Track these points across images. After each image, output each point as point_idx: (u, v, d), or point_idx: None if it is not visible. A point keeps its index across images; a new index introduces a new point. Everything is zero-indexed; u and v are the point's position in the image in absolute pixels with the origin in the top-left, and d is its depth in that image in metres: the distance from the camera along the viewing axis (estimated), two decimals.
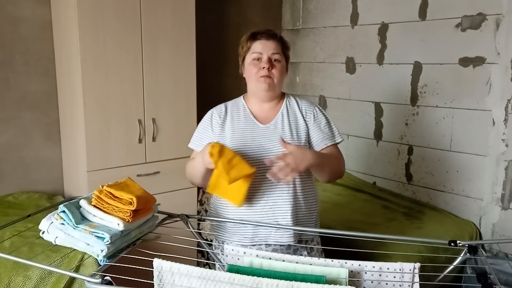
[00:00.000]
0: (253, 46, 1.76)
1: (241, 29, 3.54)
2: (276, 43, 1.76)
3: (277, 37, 1.78)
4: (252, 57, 1.76)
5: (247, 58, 1.78)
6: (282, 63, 1.77)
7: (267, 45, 1.74)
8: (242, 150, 1.71)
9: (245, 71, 1.81)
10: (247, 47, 1.78)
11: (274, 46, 1.75)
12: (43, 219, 1.41)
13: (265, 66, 1.72)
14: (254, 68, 1.75)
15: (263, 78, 1.73)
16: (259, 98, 1.80)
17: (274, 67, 1.74)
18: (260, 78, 1.74)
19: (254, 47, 1.76)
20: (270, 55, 1.74)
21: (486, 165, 2.70)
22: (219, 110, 1.84)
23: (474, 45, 2.69)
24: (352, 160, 3.49)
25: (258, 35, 1.76)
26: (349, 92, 3.46)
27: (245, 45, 1.79)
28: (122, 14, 2.56)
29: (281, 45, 1.78)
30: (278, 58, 1.75)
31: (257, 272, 1.27)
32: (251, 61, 1.76)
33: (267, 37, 1.75)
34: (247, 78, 1.81)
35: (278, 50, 1.76)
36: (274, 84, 1.75)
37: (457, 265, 1.49)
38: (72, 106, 2.64)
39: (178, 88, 2.83)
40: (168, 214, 1.73)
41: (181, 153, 2.87)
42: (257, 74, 1.74)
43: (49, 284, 1.96)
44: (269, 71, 1.73)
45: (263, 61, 1.74)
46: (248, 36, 1.79)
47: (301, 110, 1.80)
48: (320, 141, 1.76)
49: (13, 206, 2.53)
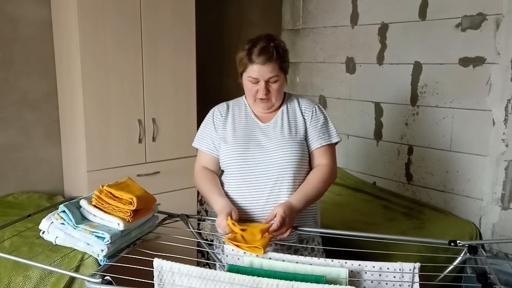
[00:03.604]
0: (249, 68, 1.70)
1: (241, 29, 3.56)
2: (273, 64, 1.68)
3: (273, 58, 1.68)
4: (248, 78, 1.72)
5: (244, 76, 1.74)
6: (280, 80, 1.72)
7: (263, 69, 1.67)
8: (242, 149, 1.71)
9: (243, 85, 1.78)
10: (244, 66, 1.72)
11: (270, 70, 1.68)
12: (43, 219, 1.41)
13: (262, 92, 1.70)
14: (252, 89, 1.73)
15: (260, 100, 1.73)
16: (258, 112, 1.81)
17: (271, 90, 1.71)
18: (258, 100, 1.74)
19: (250, 70, 1.69)
20: (266, 79, 1.69)
21: (486, 165, 2.70)
22: (221, 109, 1.84)
23: (474, 45, 2.69)
24: (352, 160, 3.49)
25: (254, 57, 1.67)
26: (349, 92, 3.46)
27: (241, 63, 1.72)
28: (122, 14, 2.56)
29: (279, 62, 1.70)
30: (276, 78, 1.70)
31: (257, 272, 1.27)
32: (248, 81, 1.73)
33: (263, 61, 1.66)
34: (246, 93, 1.80)
35: (275, 72, 1.69)
36: (272, 103, 1.75)
37: (457, 265, 1.49)
38: (72, 106, 2.63)
39: (178, 88, 2.83)
40: (168, 214, 1.73)
41: (181, 153, 2.87)
42: (255, 96, 1.73)
43: (49, 284, 1.96)
44: (266, 95, 1.71)
45: (260, 86, 1.70)
46: (245, 53, 1.70)
47: (300, 108, 1.80)
48: (315, 140, 1.75)
49: (13, 206, 2.53)
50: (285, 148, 1.69)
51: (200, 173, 1.80)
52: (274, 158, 1.69)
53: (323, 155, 1.76)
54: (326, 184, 1.73)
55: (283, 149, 1.69)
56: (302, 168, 1.72)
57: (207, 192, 1.73)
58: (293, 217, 1.58)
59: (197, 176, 1.81)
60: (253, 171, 1.69)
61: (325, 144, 1.76)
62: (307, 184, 1.70)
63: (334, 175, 1.78)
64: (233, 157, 1.72)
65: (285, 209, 1.55)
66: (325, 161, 1.75)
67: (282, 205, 1.58)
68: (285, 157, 1.68)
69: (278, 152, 1.69)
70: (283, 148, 1.69)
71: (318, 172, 1.73)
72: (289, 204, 1.59)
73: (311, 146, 1.76)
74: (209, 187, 1.73)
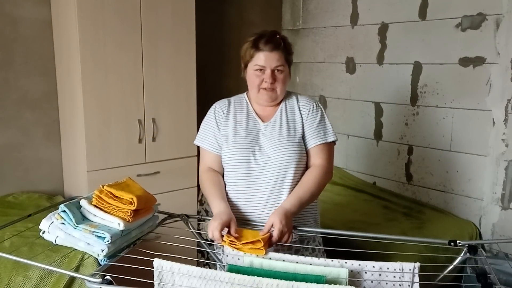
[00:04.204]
0: (255, 57, 1.70)
1: (241, 29, 3.56)
2: (280, 53, 1.69)
3: (281, 46, 1.70)
4: (254, 68, 1.71)
5: (249, 66, 1.74)
6: (285, 72, 1.72)
7: (270, 57, 1.68)
8: (243, 149, 1.71)
9: (247, 78, 1.78)
10: (250, 56, 1.72)
11: (277, 58, 1.69)
12: (43, 219, 1.41)
13: (268, 80, 1.70)
14: (257, 79, 1.72)
15: (265, 90, 1.72)
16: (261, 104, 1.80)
17: (277, 79, 1.71)
18: (262, 90, 1.73)
19: (257, 58, 1.70)
20: (273, 67, 1.69)
21: (486, 165, 2.70)
22: (222, 105, 1.83)
23: (474, 45, 2.69)
24: (352, 160, 3.49)
25: (261, 45, 1.68)
26: (349, 92, 3.46)
27: (247, 53, 1.73)
28: (122, 14, 2.56)
29: (285, 53, 1.71)
30: (282, 68, 1.71)
31: (257, 272, 1.27)
32: (254, 71, 1.72)
33: (270, 48, 1.68)
34: (249, 85, 1.78)
35: (281, 61, 1.70)
36: (276, 95, 1.74)
37: (457, 265, 1.49)
38: (72, 106, 2.64)
39: (178, 88, 2.83)
40: (168, 214, 1.73)
41: (181, 153, 2.87)
42: (260, 86, 1.72)
43: (49, 284, 1.96)
44: (272, 84, 1.71)
45: (266, 75, 1.70)
46: (251, 43, 1.72)
47: (299, 105, 1.79)
48: (311, 139, 1.74)
49: (13, 206, 2.53)
50: (284, 150, 1.69)
51: (205, 175, 1.78)
52: (273, 159, 1.68)
53: (317, 154, 1.74)
54: (320, 186, 1.71)
55: (281, 151, 1.69)
56: (301, 168, 1.72)
57: (209, 195, 1.71)
58: (290, 222, 1.57)
59: (202, 179, 1.79)
60: (254, 172, 1.69)
61: (320, 143, 1.74)
62: (300, 187, 1.68)
63: (329, 174, 1.76)
64: (234, 157, 1.71)
65: (281, 218, 1.53)
66: (319, 161, 1.73)
67: (277, 213, 1.55)
68: (283, 159, 1.68)
69: (277, 154, 1.68)
70: (282, 150, 1.69)
71: (311, 175, 1.71)
72: (283, 210, 1.57)
73: (307, 145, 1.74)
74: (212, 190, 1.71)
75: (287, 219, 1.55)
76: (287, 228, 1.53)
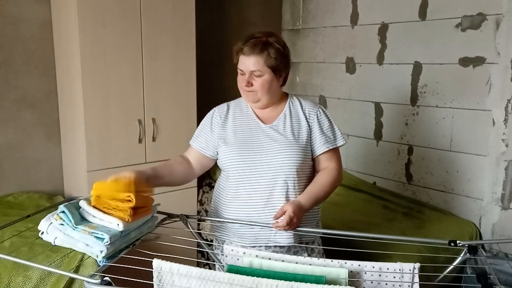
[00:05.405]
0: (239, 60, 1.73)
1: (241, 29, 3.55)
2: (258, 58, 1.67)
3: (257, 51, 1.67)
4: (238, 70, 1.75)
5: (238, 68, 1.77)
6: (264, 77, 1.69)
7: (247, 61, 1.69)
8: (243, 149, 1.71)
9: None
10: (236, 58, 1.75)
11: (253, 62, 1.68)
12: (42, 220, 1.41)
13: (244, 83, 1.72)
14: (239, 81, 1.76)
15: (246, 92, 1.75)
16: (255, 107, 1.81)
17: (253, 84, 1.71)
18: (244, 92, 1.76)
19: (239, 61, 1.73)
20: (249, 71, 1.70)
21: (486, 165, 2.70)
22: (221, 110, 1.84)
23: (474, 45, 2.69)
24: (352, 160, 3.49)
25: (244, 48, 1.69)
26: (349, 92, 3.46)
27: (235, 55, 1.76)
28: (122, 14, 2.56)
29: (266, 58, 1.68)
30: (258, 74, 1.69)
31: (256, 273, 1.27)
32: (239, 73, 1.76)
33: (248, 52, 1.68)
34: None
35: (257, 66, 1.68)
36: (258, 97, 1.74)
37: (457, 265, 1.49)
38: (72, 106, 2.63)
39: (178, 88, 2.83)
40: (168, 214, 1.73)
41: (181, 153, 2.86)
42: (242, 88, 1.75)
43: (49, 284, 1.96)
44: (248, 87, 1.72)
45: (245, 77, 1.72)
46: (239, 45, 1.73)
47: (304, 111, 1.79)
48: (322, 145, 1.75)
49: (13, 206, 2.53)
50: (288, 151, 1.69)
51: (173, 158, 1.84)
52: (276, 160, 1.68)
53: (329, 159, 1.77)
54: (333, 187, 1.75)
55: (286, 152, 1.69)
56: (303, 172, 1.72)
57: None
58: (300, 216, 1.60)
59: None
60: (253, 173, 1.69)
61: (332, 148, 1.76)
62: (316, 184, 1.71)
63: (341, 177, 1.80)
64: (233, 158, 1.71)
65: (294, 208, 1.56)
66: (333, 164, 1.76)
67: (292, 204, 1.58)
68: (287, 160, 1.68)
69: (281, 154, 1.68)
70: (286, 151, 1.69)
71: (327, 174, 1.74)
72: (298, 203, 1.61)
73: (317, 151, 1.75)
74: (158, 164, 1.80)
75: (299, 211, 1.59)
76: (296, 220, 1.56)
